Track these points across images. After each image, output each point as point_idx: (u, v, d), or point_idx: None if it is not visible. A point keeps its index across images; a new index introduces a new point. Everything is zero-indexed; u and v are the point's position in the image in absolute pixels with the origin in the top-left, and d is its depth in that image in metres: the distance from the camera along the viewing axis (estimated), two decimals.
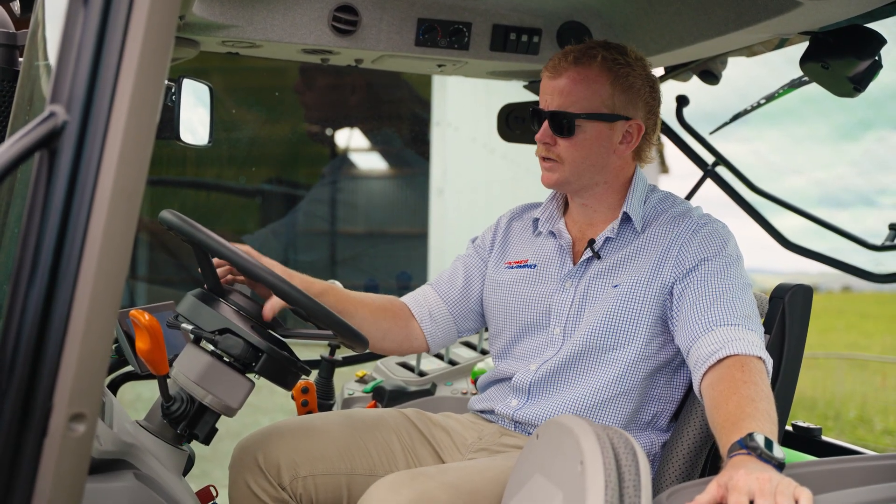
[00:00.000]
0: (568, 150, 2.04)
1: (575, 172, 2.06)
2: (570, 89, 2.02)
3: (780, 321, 2.02)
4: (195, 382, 1.82)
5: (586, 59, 2.02)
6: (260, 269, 1.82)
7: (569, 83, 2.02)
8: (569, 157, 2.04)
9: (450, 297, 2.28)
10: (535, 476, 1.55)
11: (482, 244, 2.32)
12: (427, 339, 2.26)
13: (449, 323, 2.28)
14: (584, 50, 2.03)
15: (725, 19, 2.14)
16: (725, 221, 2.11)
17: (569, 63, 2.02)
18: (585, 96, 2.01)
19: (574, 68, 2.02)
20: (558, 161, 2.05)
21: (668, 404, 2.08)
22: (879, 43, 2.07)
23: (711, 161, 2.97)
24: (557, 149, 2.04)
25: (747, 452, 1.43)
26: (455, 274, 2.31)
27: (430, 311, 2.26)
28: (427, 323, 2.26)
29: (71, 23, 1.10)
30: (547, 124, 2.04)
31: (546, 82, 2.06)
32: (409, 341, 2.26)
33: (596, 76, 2.02)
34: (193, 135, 2.34)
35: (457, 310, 2.28)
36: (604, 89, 2.02)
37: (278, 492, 1.98)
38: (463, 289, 2.28)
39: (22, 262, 1.09)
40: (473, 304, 2.29)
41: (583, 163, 2.05)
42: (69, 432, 1.11)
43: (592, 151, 2.04)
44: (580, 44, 2.10)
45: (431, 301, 2.28)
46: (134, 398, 6.04)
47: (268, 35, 2.36)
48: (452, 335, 2.31)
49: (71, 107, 1.09)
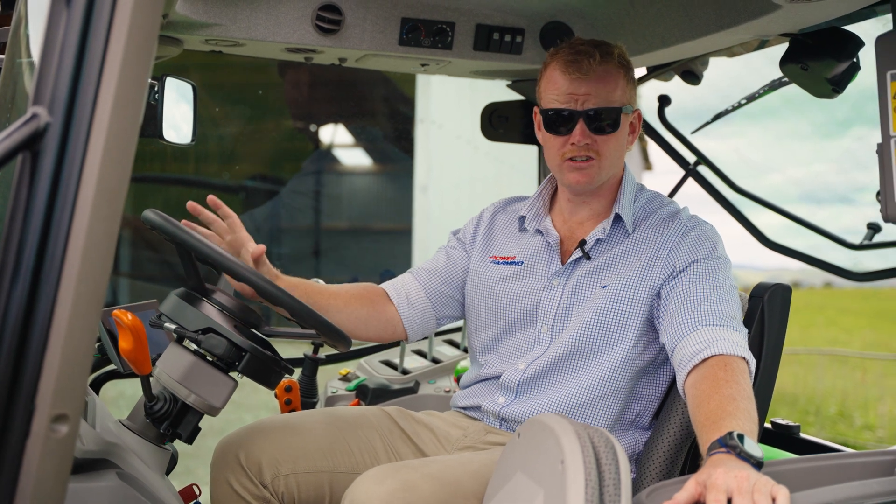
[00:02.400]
0: (607, 145, 2.06)
1: (609, 167, 2.09)
2: (605, 86, 2.04)
3: (760, 320, 2.04)
4: (178, 382, 1.82)
5: (608, 56, 2.05)
6: (242, 268, 1.82)
7: (601, 80, 2.04)
8: (607, 152, 2.06)
9: (430, 284, 2.28)
10: (516, 474, 1.56)
11: (464, 235, 2.33)
12: (405, 323, 2.26)
13: (427, 308, 2.27)
14: (602, 47, 2.06)
15: (707, 21, 2.16)
16: (706, 219, 2.13)
17: (596, 62, 2.04)
18: (616, 91, 2.05)
19: (602, 66, 2.04)
20: (596, 158, 2.06)
21: (650, 402, 2.10)
22: (857, 45, 2.09)
23: (693, 160, 2.99)
24: (596, 146, 2.05)
25: (726, 451, 1.44)
26: (436, 262, 2.31)
27: (407, 296, 2.26)
28: (404, 307, 2.25)
29: (53, 24, 1.10)
30: (583, 124, 2.04)
31: (570, 83, 2.05)
32: (387, 326, 2.25)
33: (617, 71, 2.06)
34: (177, 133, 2.34)
35: (436, 296, 2.28)
36: (623, 83, 2.08)
37: (260, 490, 1.98)
38: (444, 276, 2.28)
39: (4, 263, 1.09)
40: (453, 291, 2.29)
41: (616, 156, 2.09)
42: (52, 433, 1.11)
43: (622, 144, 2.10)
44: (566, 42, 2.11)
45: (410, 287, 2.28)
46: (116, 395, 6.02)
47: (251, 34, 2.35)
48: (431, 322, 2.30)
49: (53, 108, 1.09)
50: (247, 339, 1.84)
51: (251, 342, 1.84)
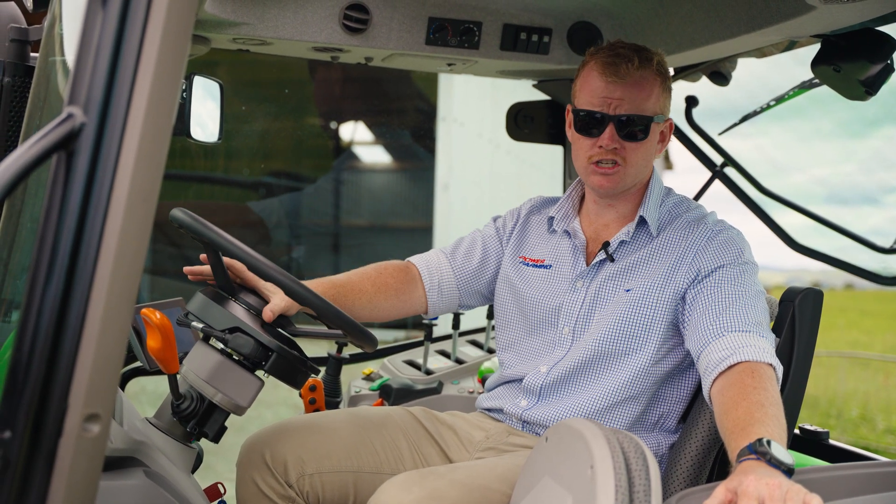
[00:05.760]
0: (635, 152, 2.04)
1: (634, 175, 2.07)
2: (640, 93, 2.02)
3: (790, 325, 2.02)
4: (205, 381, 1.82)
5: (647, 63, 2.03)
6: (270, 267, 1.82)
7: (636, 87, 2.02)
8: (635, 159, 2.05)
9: (462, 274, 2.30)
10: (544, 478, 1.55)
11: (503, 227, 2.34)
12: (429, 307, 2.30)
13: (454, 296, 2.31)
14: (641, 52, 2.04)
15: (737, 21, 2.14)
16: (729, 218, 2.11)
17: (634, 67, 2.02)
18: (650, 99, 2.04)
19: (639, 72, 2.02)
20: (622, 164, 2.04)
21: (675, 405, 2.08)
22: (892, 46, 2.06)
23: (720, 161, 2.97)
24: (624, 152, 2.04)
25: (756, 457, 1.42)
26: (472, 250, 2.32)
27: (440, 283, 2.29)
28: (434, 294, 2.28)
29: (89, 24, 1.10)
30: (613, 129, 2.02)
31: (606, 86, 2.03)
32: (410, 308, 2.29)
33: (653, 79, 2.04)
34: (203, 131, 2.34)
35: (465, 286, 2.31)
36: (658, 91, 2.06)
37: (285, 489, 1.98)
38: (477, 268, 2.30)
39: (38, 263, 1.09)
40: (482, 285, 2.31)
41: (643, 165, 2.08)
42: (84, 433, 1.11)
43: (650, 153, 2.08)
44: (616, 43, 2.09)
45: (444, 272, 2.29)
46: (139, 390, 6.05)
47: (279, 33, 2.36)
48: (453, 307, 2.35)
49: (88, 109, 1.09)
50: (273, 338, 1.84)
51: (278, 342, 1.84)
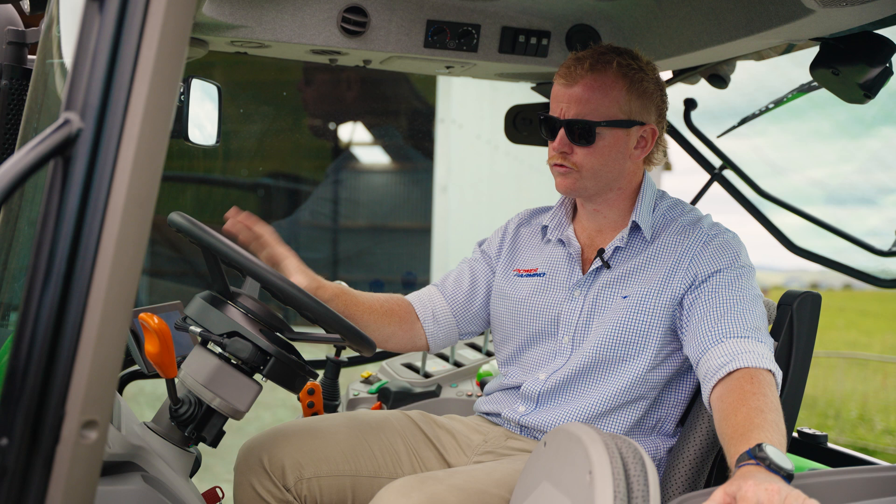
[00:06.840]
0: (586, 157, 2.01)
1: (592, 179, 2.04)
2: (587, 97, 1.99)
3: (789, 329, 2.02)
4: (203, 385, 1.82)
5: (601, 66, 1.99)
6: (267, 271, 1.81)
7: (586, 91, 1.99)
8: (587, 164, 2.02)
9: (455, 300, 2.28)
10: (542, 483, 1.55)
11: (489, 249, 2.31)
12: (428, 339, 2.26)
13: (451, 325, 2.28)
14: (598, 56, 2.00)
15: (736, 25, 2.13)
16: (727, 219, 2.10)
17: (584, 70, 1.99)
18: (603, 103, 1.99)
19: (590, 75, 1.99)
20: (575, 168, 2.03)
21: (673, 409, 2.08)
22: (890, 50, 2.06)
23: (718, 164, 2.96)
24: (574, 157, 2.01)
25: (756, 463, 1.42)
26: (461, 277, 2.30)
27: (433, 312, 2.26)
28: (430, 324, 2.25)
29: (86, 29, 1.10)
30: (563, 133, 2.01)
31: (560, 90, 2.03)
32: (412, 341, 2.26)
33: (612, 82, 1.99)
34: (202, 134, 2.34)
35: (460, 313, 2.28)
36: (620, 95, 2.00)
37: (283, 493, 1.98)
38: (468, 293, 2.28)
39: (35, 269, 1.09)
40: (477, 308, 2.28)
41: (600, 170, 2.03)
42: (81, 439, 1.11)
43: (610, 158, 2.02)
44: (587, 49, 2.07)
45: (436, 302, 2.27)
46: (136, 392, 6.04)
47: (277, 35, 2.35)
48: (454, 337, 2.31)
49: (85, 114, 1.09)
50: (271, 343, 1.84)
51: (276, 346, 1.84)
